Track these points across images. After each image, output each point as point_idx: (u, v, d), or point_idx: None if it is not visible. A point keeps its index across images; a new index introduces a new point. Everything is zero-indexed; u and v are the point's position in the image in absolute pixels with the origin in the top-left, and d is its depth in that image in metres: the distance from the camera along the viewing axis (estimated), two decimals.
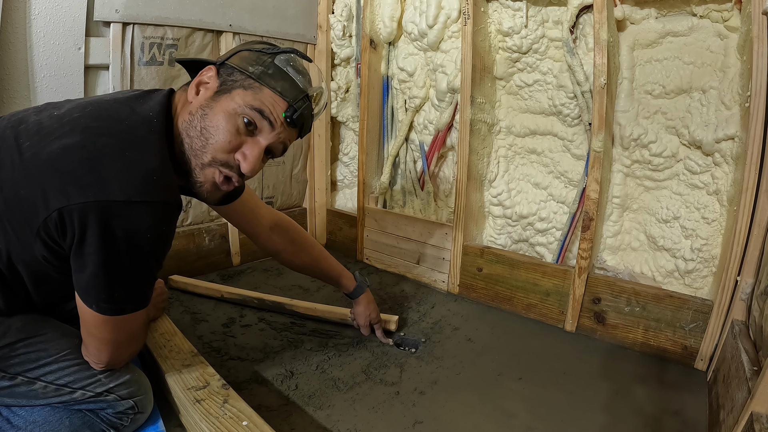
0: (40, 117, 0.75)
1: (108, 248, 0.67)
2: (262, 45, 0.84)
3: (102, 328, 0.76)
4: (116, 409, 0.86)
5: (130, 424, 0.88)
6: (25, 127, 0.73)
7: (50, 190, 0.66)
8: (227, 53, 0.84)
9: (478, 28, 1.49)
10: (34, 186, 0.67)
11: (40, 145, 0.69)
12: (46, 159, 0.68)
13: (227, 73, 0.80)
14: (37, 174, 0.67)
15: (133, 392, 0.87)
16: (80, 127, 0.70)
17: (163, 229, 0.73)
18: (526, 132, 1.59)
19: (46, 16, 1.28)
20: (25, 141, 0.71)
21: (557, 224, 1.57)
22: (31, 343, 0.79)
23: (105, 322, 0.75)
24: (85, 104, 0.76)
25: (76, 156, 0.67)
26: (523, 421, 1.01)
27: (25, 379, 0.78)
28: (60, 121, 0.72)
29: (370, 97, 1.84)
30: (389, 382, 1.13)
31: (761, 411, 0.72)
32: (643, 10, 1.31)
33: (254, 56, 0.81)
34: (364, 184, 1.91)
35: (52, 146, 0.68)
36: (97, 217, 0.65)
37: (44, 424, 0.82)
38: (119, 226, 0.67)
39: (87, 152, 0.67)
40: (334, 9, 1.97)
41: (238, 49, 0.83)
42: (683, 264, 1.33)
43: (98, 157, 0.67)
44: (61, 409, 0.83)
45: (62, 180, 0.66)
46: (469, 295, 1.65)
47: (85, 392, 0.82)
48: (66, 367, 0.81)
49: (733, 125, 1.18)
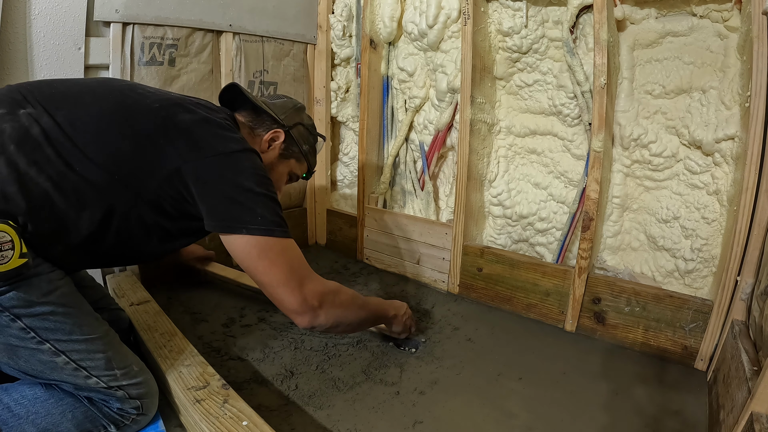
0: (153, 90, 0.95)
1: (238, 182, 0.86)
2: (311, 124, 1.23)
3: (264, 265, 0.86)
4: (122, 405, 0.87)
5: (131, 424, 0.89)
6: (143, 91, 0.92)
7: (188, 147, 0.86)
8: (289, 117, 1.15)
9: (478, 28, 1.49)
10: (173, 139, 0.86)
11: (171, 111, 0.89)
12: (180, 122, 0.88)
13: (290, 142, 1.14)
14: (173, 132, 0.87)
15: (142, 394, 0.89)
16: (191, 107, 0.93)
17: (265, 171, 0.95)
18: (526, 132, 1.59)
19: (46, 16, 1.28)
20: (153, 102, 0.89)
21: (557, 224, 1.57)
22: (69, 314, 0.81)
23: (260, 255, 0.86)
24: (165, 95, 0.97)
25: (206, 124, 0.91)
26: (523, 421, 1.01)
27: (52, 348, 0.79)
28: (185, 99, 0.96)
29: (370, 97, 1.84)
30: (389, 382, 1.13)
31: (761, 411, 0.72)
32: (643, 10, 1.31)
33: (306, 135, 1.19)
34: (364, 184, 1.91)
35: (184, 116, 0.89)
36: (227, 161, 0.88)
37: (46, 416, 0.82)
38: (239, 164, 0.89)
39: (210, 122, 0.92)
40: (334, 9, 1.97)
41: (298, 122, 1.17)
42: (683, 264, 1.33)
43: (218, 125, 0.92)
44: (64, 400, 0.84)
45: (196, 141, 0.87)
46: (469, 295, 1.65)
47: (99, 381, 0.84)
48: (93, 351, 0.83)
49: (733, 125, 1.18)
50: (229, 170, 0.87)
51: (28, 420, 0.81)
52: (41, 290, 0.77)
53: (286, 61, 1.91)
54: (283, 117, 1.13)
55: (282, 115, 1.13)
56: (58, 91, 0.84)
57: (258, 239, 0.85)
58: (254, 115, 1.11)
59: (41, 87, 0.85)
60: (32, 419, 0.81)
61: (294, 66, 1.95)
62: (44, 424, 0.82)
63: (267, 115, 1.11)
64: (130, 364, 0.90)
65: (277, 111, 1.13)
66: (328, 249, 2.16)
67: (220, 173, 0.86)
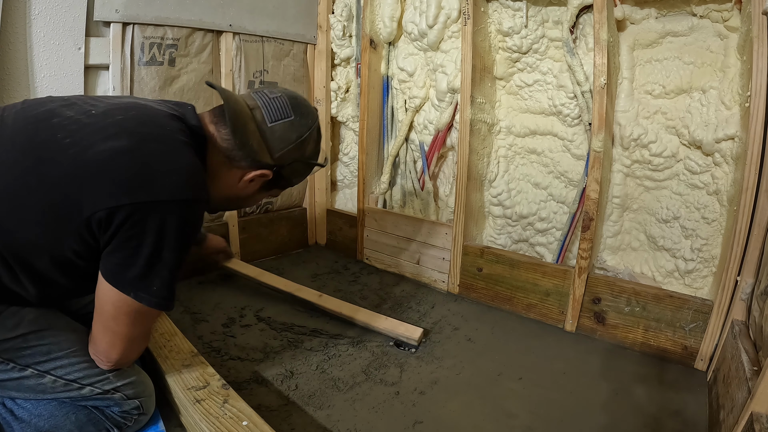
0: (74, 112, 0.77)
1: (152, 242, 0.73)
2: (313, 153, 0.98)
3: (122, 320, 0.77)
4: (122, 408, 0.86)
5: (133, 425, 0.89)
6: (60, 121, 0.75)
7: (99, 190, 0.71)
8: (286, 154, 0.91)
9: (478, 28, 1.49)
10: (81, 185, 0.71)
11: (83, 143, 0.72)
12: (93, 160, 0.71)
13: (276, 179, 0.94)
14: (83, 174, 0.71)
15: (139, 393, 0.88)
16: (127, 132, 0.75)
17: (198, 224, 0.81)
18: (526, 132, 1.59)
19: (46, 16, 1.28)
20: (65, 137, 0.73)
21: (557, 224, 1.57)
22: (43, 335, 0.79)
23: (128, 313, 0.76)
24: (125, 107, 0.81)
25: (126, 159, 0.72)
26: (523, 421, 1.01)
27: (35, 371, 0.78)
28: (103, 121, 0.76)
29: (370, 97, 1.84)
30: (389, 382, 1.13)
31: (761, 411, 0.72)
32: (643, 10, 1.31)
33: (302, 169, 0.97)
34: (364, 184, 1.91)
35: (99, 147, 0.72)
36: (146, 215, 0.71)
37: (49, 418, 0.82)
38: (163, 222, 0.73)
39: (135, 156, 0.73)
40: (334, 9, 1.97)
41: (296, 159, 0.93)
42: (683, 264, 1.33)
43: (146, 162, 0.74)
44: (67, 404, 0.84)
45: (112, 182, 0.71)
46: (469, 295, 1.65)
47: (93, 389, 0.83)
48: (77, 363, 0.81)
49: (733, 125, 1.18)
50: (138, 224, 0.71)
51: (31, 424, 0.81)
52: (6, 327, 0.75)
53: (286, 61, 1.91)
54: (277, 156, 0.90)
55: (277, 152, 0.89)
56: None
57: (138, 305, 0.76)
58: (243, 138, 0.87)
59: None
60: (35, 423, 0.81)
61: (294, 66, 1.94)
62: (47, 427, 0.82)
63: (255, 150, 0.88)
64: None
65: (273, 145, 0.89)
66: (328, 249, 2.16)
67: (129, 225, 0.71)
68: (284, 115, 0.90)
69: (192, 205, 0.77)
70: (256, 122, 0.88)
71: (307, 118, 0.94)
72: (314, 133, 0.96)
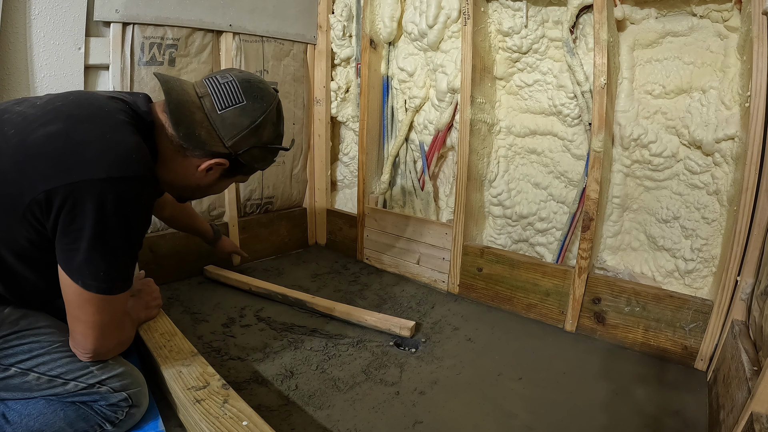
0: (23, 107, 0.78)
1: (92, 224, 0.71)
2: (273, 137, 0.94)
3: (86, 309, 0.77)
4: (109, 401, 0.86)
5: (125, 418, 0.88)
6: (9, 117, 0.77)
7: (36, 174, 0.71)
8: (241, 140, 0.88)
9: (478, 28, 1.49)
10: (21, 171, 0.71)
11: (25, 132, 0.73)
12: (31, 145, 0.72)
13: (235, 166, 0.92)
14: (22, 160, 0.72)
15: (126, 385, 0.88)
16: (63, 115, 0.75)
17: (143, 203, 0.79)
18: (526, 132, 1.59)
19: (46, 16, 1.28)
20: (10, 129, 0.74)
21: (557, 224, 1.57)
22: (23, 335, 0.80)
23: (89, 301, 0.77)
24: (66, 94, 0.82)
25: (60, 142, 0.72)
26: (523, 421, 1.01)
27: (18, 370, 0.79)
28: (43, 109, 0.77)
29: (370, 97, 1.84)
30: (389, 382, 1.13)
31: (761, 411, 0.72)
32: (643, 10, 1.31)
33: (262, 154, 0.94)
34: (364, 184, 1.91)
35: (37, 133, 0.73)
36: (81, 195, 0.70)
37: (39, 417, 0.82)
38: (101, 202, 0.71)
39: (70, 138, 0.73)
40: (334, 9, 1.97)
41: (253, 145, 0.90)
42: (683, 264, 1.33)
43: (80, 141, 0.73)
44: (55, 401, 0.84)
45: (47, 163, 0.71)
46: (469, 295, 1.65)
47: (78, 383, 0.83)
48: (59, 358, 0.82)
49: (733, 125, 1.18)
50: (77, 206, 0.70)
51: (22, 424, 0.81)
52: None
53: (286, 61, 1.91)
54: (230, 144, 0.87)
55: (229, 140, 0.86)
56: None
57: (90, 294, 0.76)
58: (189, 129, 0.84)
59: None
60: (26, 423, 0.81)
61: (294, 66, 1.95)
62: (37, 426, 0.81)
63: (204, 140, 0.86)
64: None
65: (224, 132, 0.86)
66: (328, 249, 2.16)
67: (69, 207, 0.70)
68: (235, 101, 0.86)
69: (131, 182, 0.74)
70: (205, 111, 0.85)
71: (261, 102, 0.89)
72: (271, 117, 0.92)
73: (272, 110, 0.92)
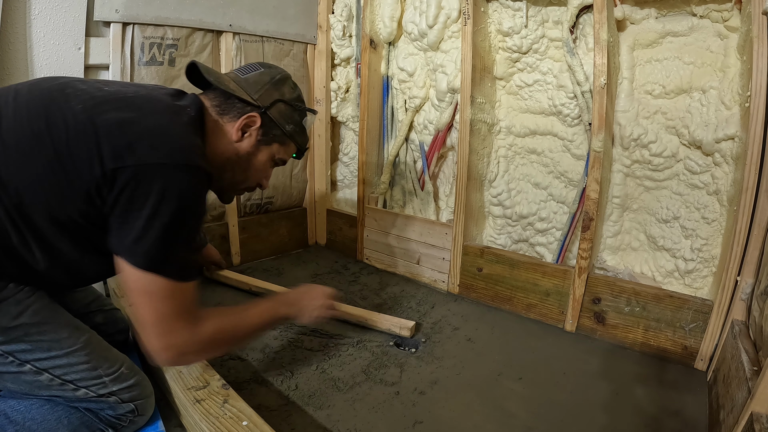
0: (87, 86, 0.81)
1: (152, 204, 0.73)
2: (295, 97, 1.03)
3: (144, 296, 0.76)
4: (116, 411, 0.86)
5: (128, 425, 0.89)
6: (72, 91, 0.79)
7: (107, 152, 0.73)
8: (265, 94, 0.97)
9: (478, 28, 1.49)
10: (90, 146, 0.74)
11: (94, 111, 0.76)
12: (102, 125, 0.75)
13: (268, 126, 0.98)
14: (92, 136, 0.74)
15: (135, 396, 0.88)
16: (134, 106, 0.79)
17: (200, 192, 0.82)
18: (526, 132, 1.59)
19: (46, 16, 1.28)
20: (77, 104, 0.77)
21: (557, 224, 1.57)
22: (45, 330, 0.79)
23: (145, 284, 0.75)
24: (135, 88, 0.87)
25: (131, 128, 0.76)
26: (523, 421, 1.01)
27: (33, 368, 0.78)
28: (114, 96, 0.80)
29: (370, 97, 1.84)
30: (389, 382, 1.13)
31: (761, 411, 0.72)
32: (643, 10, 1.31)
33: (289, 112, 1.01)
34: (364, 184, 1.91)
35: (109, 115, 0.76)
36: (147, 176, 0.74)
37: (42, 422, 0.82)
38: (165, 185, 0.74)
39: (140, 126, 0.77)
40: (334, 9, 1.97)
41: (277, 99, 0.98)
42: (683, 264, 1.33)
43: (149, 130, 0.77)
44: (59, 407, 0.84)
45: (118, 144, 0.74)
46: (469, 295, 1.65)
47: (88, 392, 0.83)
48: (76, 364, 0.81)
49: (733, 125, 1.18)
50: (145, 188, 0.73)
51: (24, 426, 0.81)
52: (10, 314, 0.75)
53: (286, 61, 1.91)
54: (256, 96, 0.95)
55: (255, 93, 0.95)
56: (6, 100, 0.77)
57: (146, 275, 0.75)
58: (222, 97, 0.94)
59: None
60: (28, 426, 0.81)
61: (294, 66, 1.95)
62: (40, 430, 0.81)
63: (236, 97, 0.93)
64: (119, 369, 0.87)
65: (249, 89, 0.95)
66: (328, 249, 2.16)
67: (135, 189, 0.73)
68: (254, 69, 1.00)
69: (192, 171, 0.78)
70: (232, 78, 0.97)
71: (276, 69, 1.03)
72: (288, 79, 1.03)
73: (287, 74, 1.04)
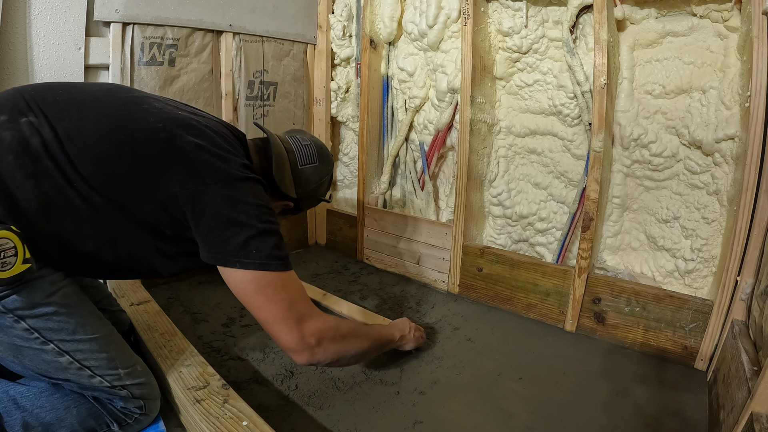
0: (162, 106, 0.89)
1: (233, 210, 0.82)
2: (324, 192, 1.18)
3: (260, 301, 0.83)
4: (125, 404, 0.88)
5: (133, 423, 0.90)
6: (149, 108, 0.87)
7: (185, 172, 0.82)
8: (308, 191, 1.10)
9: (478, 28, 1.49)
10: (170, 166, 0.81)
11: (173, 132, 0.84)
12: (182, 148, 0.83)
13: (294, 208, 1.12)
14: (173, 158, 0.82)
15: (145, 394, 0.90)
16: (206, 134, 0.88)
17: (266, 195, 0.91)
18: (526, 132, 1.59)
19: (46, 16, 1.28)
20: (157, 122, 0.84)
21: (557, 224, 1.57)
22: (73, 314, 0.81)
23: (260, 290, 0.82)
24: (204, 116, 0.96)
25: (206, 153, 0.85)
26: (523, 421, 1.01)
27: (56, 348, 0.79)
28: (187, 120, 0.89)
29: (370, 97, 1.84)
30: (389, 382, 1.13)
31: (761, 411, 0.72)
32: (643, 10, 1.31)
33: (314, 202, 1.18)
34: (364, 184, 1.91)
35: (187, 139, 0.84)
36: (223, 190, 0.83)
37: (51, 410, 0.83)
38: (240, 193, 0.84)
39: (213, 152, 0.86)
40: (334, 9, 1.97)
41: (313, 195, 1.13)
42: (683, 264, 1.33)
43: (220, 155, 0.86)
44: (69, 396, 0.85)
45: (195, 167, 0.83)
46: (469, 295, 1.65)
47: (103, 380, 0.84)
48: (97, 351, 0.83)
49: (733, 125, 1.18)
50: (225, 201, 0.82)
51: (33, 414, 0.82)
52: (44, 292, 0.77)
53: (286, 61, 1.91)
54: (301, 192, 1.08)
55: (303, 189, 1.08)
56: (62, 99, 0.82)
57: (253, 274, 0.82)
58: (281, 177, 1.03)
59: (45, 93, 0.82)
60: (36, 413, 0.82)
61: (294, 66, 1.95)
62: (48, 418, 0.82)
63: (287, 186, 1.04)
64: (134, 364, 0.90)
65: (301, 183, 1.07)
66: (328, 249, 2.16)
67: (217, 203, 0.82)
68: (312, 161, 1.09)
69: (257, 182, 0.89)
70: (291, 164, 1.06)
71: (328, 165, 1.15)
72: (330, 177, 1.18)
73: (332, 172, 1.19)
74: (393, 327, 1.17)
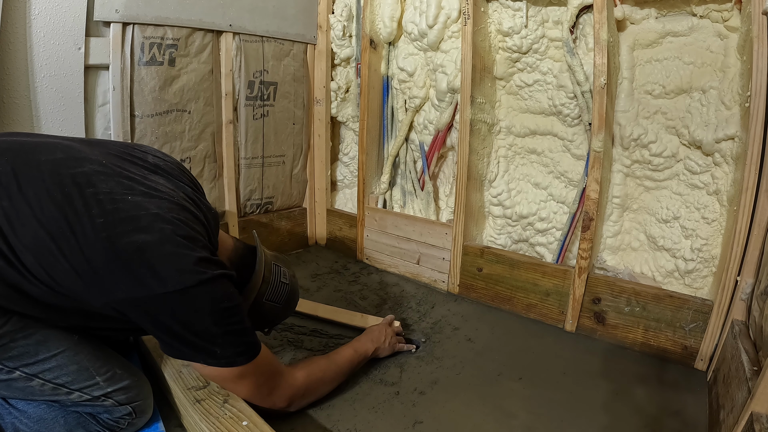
0: (109, 187, 0.77)
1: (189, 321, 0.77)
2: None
3: (237, 381, 0.86)
4: (113, 415, 0.85)
5: (127, 427, 0.88)
6: (93, 192, 0.75)
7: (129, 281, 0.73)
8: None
9: (478, 28, 1.49)
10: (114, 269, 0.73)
11: (116, 231, 0.74)
12: (124, 250, 0.73)
13: None
14: (115, 262, 0.73)
15: (132, 398, 0.87)
16: (157, 228, 0.76)
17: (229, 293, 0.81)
18: (526, 132, 1.59)
19: (46, 16, 1.28)
20: (99, 215, 0.74)
21: (557, 224, 1.57)
22: (29, 334, 0.76)
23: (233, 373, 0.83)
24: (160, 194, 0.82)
25: (154, 255, 0.74)
26: (523, 421, 1.01)
27: (23, 374, 0.76)
28: (136, 209, 0.77)
29: (370, 97, 1.84)
30: (389, 382, 1.13)
31: (761, 411, 0.72)
32: (643, 10, 1.31)
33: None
34: (364, 184, 1.91)
35: (131, 238, 0.74)
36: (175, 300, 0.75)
37: (39, 421, 0.81)
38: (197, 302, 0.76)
39: (163, 251, 0.75)
40: (334, 9, 1.97)
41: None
42: (683, 264, 1.33)
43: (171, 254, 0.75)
44: (56, 407, 0.83)
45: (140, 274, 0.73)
46: (469, 295, 1.65)
47: (82, 394, 0.81)
48: (65, 365, 0.79)
49: (733, 125, 1.18)
50: (179, 316, 0.76)
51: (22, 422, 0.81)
52: None
53: (286, 61, 1.91)
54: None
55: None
56: (4, 171, 0.74)
57: (219, 370, 0.82)
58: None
59: None
60: (26, 423, 0.81)
61: (294, 66, 1.95)
62: (36, 427, 0.81)
63: None
64: (112, 369, 0.86)
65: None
66: (328, 249, 2.16)
67: (168, 319, 0.76)
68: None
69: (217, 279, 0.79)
70: (258, 293, 0.99)
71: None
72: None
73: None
74: (367, 339, 1.18)
